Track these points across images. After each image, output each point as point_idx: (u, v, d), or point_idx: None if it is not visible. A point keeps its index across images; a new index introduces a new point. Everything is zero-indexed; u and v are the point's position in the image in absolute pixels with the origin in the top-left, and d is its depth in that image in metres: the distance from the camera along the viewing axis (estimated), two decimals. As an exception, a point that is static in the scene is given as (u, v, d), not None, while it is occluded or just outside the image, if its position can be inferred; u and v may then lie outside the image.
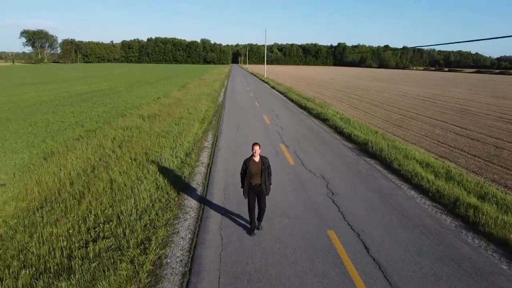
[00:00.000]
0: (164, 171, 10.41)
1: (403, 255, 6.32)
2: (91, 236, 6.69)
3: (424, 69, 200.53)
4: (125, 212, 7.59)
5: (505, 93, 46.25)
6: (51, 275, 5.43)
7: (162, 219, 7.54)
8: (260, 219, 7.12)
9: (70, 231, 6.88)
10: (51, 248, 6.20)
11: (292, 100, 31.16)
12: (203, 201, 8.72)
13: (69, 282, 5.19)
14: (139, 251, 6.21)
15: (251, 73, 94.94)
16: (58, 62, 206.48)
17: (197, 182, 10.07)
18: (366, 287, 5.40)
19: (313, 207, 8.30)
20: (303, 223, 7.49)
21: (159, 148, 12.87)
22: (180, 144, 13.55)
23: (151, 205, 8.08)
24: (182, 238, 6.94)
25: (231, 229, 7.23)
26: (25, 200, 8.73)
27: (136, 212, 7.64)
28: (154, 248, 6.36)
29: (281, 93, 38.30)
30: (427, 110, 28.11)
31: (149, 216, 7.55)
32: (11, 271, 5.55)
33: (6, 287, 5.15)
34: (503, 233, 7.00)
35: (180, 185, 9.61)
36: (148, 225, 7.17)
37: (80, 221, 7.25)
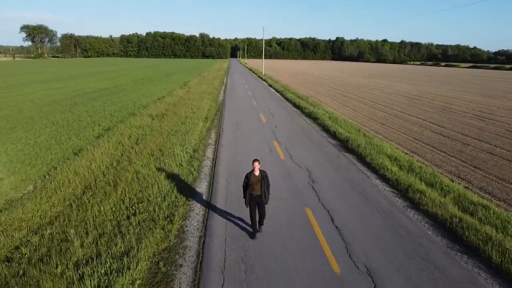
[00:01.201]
0: (177, 164, 12.75)
1: (358, 224, 8.71)
2: (130, 212, 9.05)
3: (421, 64, 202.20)
4: (152, 195, 9.95)
5: (492, 91, 48.53)
6: (109, 236, 7.79)
7: (181, 200, 9.91)
8: (261, 223, 8.24)
9: (113, 209, 9.24)
10: (103, 220, 8.57)
11: (287, 99, 33.45)
12: (211, 187, 11.09)
13: (124, 239, 7.56)
14: (167, 222, 8.58)
15: (250, 69, 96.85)
16: (58, 57, 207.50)
17: (204, 173, 12.44)
18: (328, 244, 7.79)
19: (296, 192, 10.69)
20: (287, 203, 9.87)
21: (171, 145, 15.20)
22: (188, 142, 15.88)
23: (171, 190, 10.44)
24: (196, 214, 9.31)
25: (233, 208, 9.59)
26: (69, 187, 11.06)
27: (160, 195, 10.00)
28: (177, 220, 8.74)
29: (277, 91, 40.56)
30: (412, 108, 30.44)
31: (171, 198, 9.91)
32: (78, 234, 7.91)
33: (78, 244, 7.50)
34: (436, 210, 9.40)
35: (192, 174, 11.97)
36: (170, 205, 9.53)
37: (119, 202, 9.60)
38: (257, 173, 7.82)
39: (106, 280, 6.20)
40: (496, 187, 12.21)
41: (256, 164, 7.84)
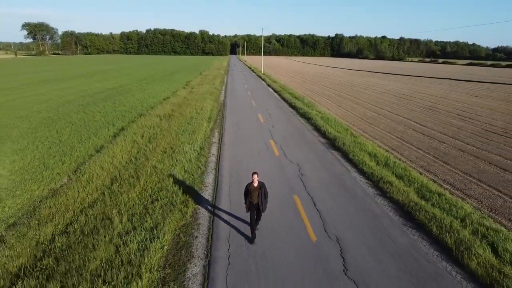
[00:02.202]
0: (187, 160, 14.99)
1: (334, 208, 10.98)
2: (153, 198, 11.30)
3: (419, 61, 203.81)
4: (169, 185, 12.19)
5: (480, 90, 50.70)
6: (139, 215, 10.04)
7: (193, 190, 12.16)
8: (256, 223, 9.35)
9: (139, 196, 11.49)
10: (133, 204, 10.82)
11: (284, 99, 35.65)
12: (216, 179, 13.34)
13: (151, 217, 9.81)
14: (183, 206, 10.83)
15: (249, 67, 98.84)
16: (58, 54, 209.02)
17: (210, 168, 14.69)
18: (309, 222, 10.04)
19: (287, 182, 12.95)
20: (279, 191, 12.13)
21: (180, 143, 17.42)
22: (195, 140, 18.10)
23: (184, 182, 12.67)
24: (206, 200, 11.58)
25: (236, 196, 11.84)
26: (99, 179, 13.30)
27: (176, 185, 12.25)
28: (191, 204, 10.99)
29: (275, 91, 42.74)
30: (401, 108, 32.65)
31: (185, 188, 12.15)
32: (114, 216, 10.14)
33: (117, 221, 9.73)
34: (399, 197, 11.66)
35: (200, 169, 14.22)
36: (185, 193, 11.77)
37: (143, 191, 11.85)
38: (255, 184, 8.80)
39: (143, 245, 8.45)
40: (457, 179, 14.47)
41: (255, 176, 8.82)
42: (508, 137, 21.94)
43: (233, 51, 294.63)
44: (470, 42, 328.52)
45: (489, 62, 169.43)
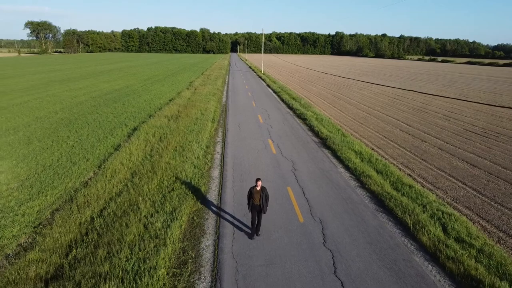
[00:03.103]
0: (196, 157, 17.21)
1: (320, 196, 13.21)
2: (169, 189, 13.52)
3: (418, 59, 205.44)
4: (182, 178, 14.41)
5: (470, 91, 52.80)
6: (160, 202, 12.27)
7: (202, 182, 14.40)
8: (258, 229, 10.37)
9: (158, 187, 13.72)
10: (153, 193, 13.05)
11: (282, 100, 37.86)
12: (221, 173, 15.57)
13: (169, 203, 12.06)
14: (195, 195, 13.06)
15: (250, 67, 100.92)
16: (60, 52, 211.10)
17: (216, 163, 16.93)
18: (298, 208, 12.27)
19: (282, 176, 15.19)
20: (275, 183, 14.36)
21: (188, 142, 19.64)
22: (201, 139, 20.32)
23: (194, 175, 14.91)
24: (213, 190, 13.81)
25: (238, 187, 14.08)
26: (121, 173, 15.52)
27: (188, 178, 14.47)
28: (201, 193, 13.23)
29: (274, 92, 44.95)
30: (392, 108, 34.81)
31: (195, 180, 14.38)
32: (140, 202, 12.37)
33: (143, 206, 11.95)
34: (375, 188, 13.88)
35: (207, 164, 16.46)
36: (196, 185, 14.00)
37: (160, 182, 14.08)
38: (259, 188, 10.05)
39: (166, 224, 10.68)
40: (431, 174, 16.68)
41: (259, 182, 10.04)
42: (485, 136, 24.13)
43: (233, 49, 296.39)
44: (471, 40, 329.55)
45: (486, 61, 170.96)
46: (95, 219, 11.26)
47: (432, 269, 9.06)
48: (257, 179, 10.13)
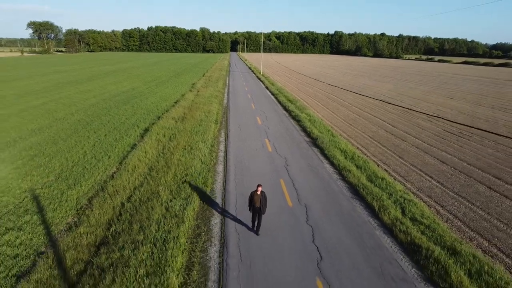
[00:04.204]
0: (203, 155, 20.03)
1: (307, 187, 16.05)
2: (182, 180, 16.34)
3: (416, 59, 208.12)
4: (192, 172, 17.23)
5: (458, 92, 55.61)
6: (176, 191, 15.10)
7: (209, 175, 17.24)
8: (257, 229, 11.85)
9: (172, 179, 16.54)
10: (170, 184, 15.87)
11: (279, 102, 40.69)
12: (225, 167, 18.40)
13: (184, 191, 14.89)
14: (204, 185, 15.88)
15: (249, 67, 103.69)
16: (62, 51, 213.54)
17: (220, 160, 19.76)
18: (289, 195, 15.11)
19: (276, 171, 18.03)
20: (269, 176, 17.20)
21: (195, 142, 22.45)
22: (206, 139, 23.13)
23: (202, 170, 17.73)
24: (218, 182, 16.66)
25: (239, 180, 16.90)
26: (139, 168, 18.33)
27: (197, 172, 17.29)
28: (209, 184, 16.07)
29: (272, 94, 47.78)
30: (380, 110, 37.63)
31: (203, 174, 17.21)
32: (160, 190, 15.18)
33: (163, 194, 14.77)
34: (353, 180, 16.72)
35: (212, 161, 19.30)
36: (204, 177, 16.81)
37: (175, 175, 16.90)
38: (259, 192, 11.52)
39: (183, 207, 13.50)
40: (404, 169, 19.51)
41: (260, 188, 11.52)
42: (460, 136, 26.98)
43: (233, 48, 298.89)
44: (469, 39, 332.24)
45: (482, 61, 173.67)
46: (125, 204, 14.10)
47: (387, 239, 11.92)
48: (258, 185, 11.63)
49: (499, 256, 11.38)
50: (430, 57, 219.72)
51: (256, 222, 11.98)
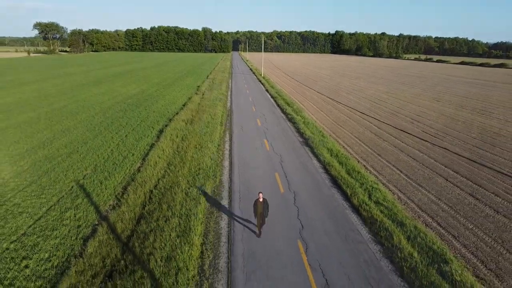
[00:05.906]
0: (211, 153, 23.92)
1: (297, 178, 19.94)
2: (196, 173, 20.24)
3: (415, 59, 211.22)
4: (204, 167, 21.13)
5: (446, 95, 59.28)
6: (191, 181, 19.01)
7: (217, 169, 21.14)
8: (261, 227, 13.94)
9: (188, 172, 20.44)
10: (186, 176, 19.78)
11: (278, 105, 44.57)
12: (231, 163, 22.30)
13: (198, 181, 18.81)
14: (213, 177, 19.79)
15: (250, 69, 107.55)
16: (66, 51, 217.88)
17: (226, 157, 23.67)
18: (281, 184, 19.00)
19: (272, 166, 21.93)
20: (266, 170, 21.10)
21: (204, 142, 26.34)
22: (214, 139, 27.02)
23: (211, 165, 21.61)
24: (225, 174, 20.56)
25: (243, 173, 20.80)
26: (160, 163, 22.22)
27: (207, 167, 21.19)
28: (218, 176, 19.99)
29: (272, 97, 51.63)
30: (370, 112, 41.43)
31: (213, 168, 21.10)
32: (180, 180, 19.07)
33: (182, 183, 18.67)
34: (334, 173, 20.60)
35: (220, 158, 23.22)
36: (213, 170, 20.70)
37: (190, 169, 20.81)
38: (261, 199, 13.06)
39: (198, 193, 17.40)
40: (379, 165, 23.36)
41: (261, 195, 13.18)
42: (435, 136, 30.78)
43: (235, 48, 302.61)
44: (470, 38, 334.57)
45: (479, 61, 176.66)
46: (153, 190, 18.04)
47: (354, 216, 15.82)
48: (259, 193, 13.44)
49: (436, 228, 15.27)
50: (429, 57, 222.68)
51: (261, 225, 13.73)
